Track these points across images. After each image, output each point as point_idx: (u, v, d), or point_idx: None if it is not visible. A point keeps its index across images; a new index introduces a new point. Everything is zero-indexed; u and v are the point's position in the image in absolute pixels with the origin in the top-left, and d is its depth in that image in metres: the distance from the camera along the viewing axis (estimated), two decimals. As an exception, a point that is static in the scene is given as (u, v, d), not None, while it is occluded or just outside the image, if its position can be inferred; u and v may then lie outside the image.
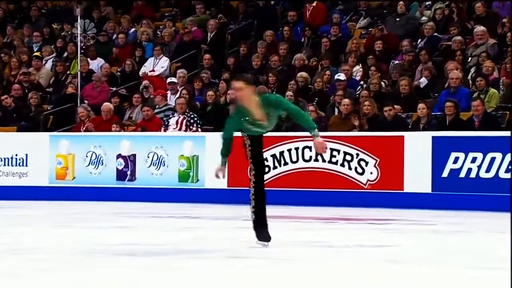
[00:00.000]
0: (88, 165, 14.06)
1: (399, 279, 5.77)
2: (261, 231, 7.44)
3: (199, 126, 13.97)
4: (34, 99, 15.69)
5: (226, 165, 7.44)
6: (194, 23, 17.15)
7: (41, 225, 10.03)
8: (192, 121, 14.00)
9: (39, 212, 12.03)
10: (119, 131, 14.26)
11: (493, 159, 11.79)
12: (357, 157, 12.50)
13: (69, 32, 18.07)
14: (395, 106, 12.91)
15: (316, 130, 7.22)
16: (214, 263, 6.49)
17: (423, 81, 13.90)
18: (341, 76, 14.11)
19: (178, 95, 14.86)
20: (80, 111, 14.83)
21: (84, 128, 14.48)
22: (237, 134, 7.46)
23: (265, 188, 7.53)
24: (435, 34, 15.02)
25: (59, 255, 6.89)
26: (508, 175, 11.67)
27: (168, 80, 15.56)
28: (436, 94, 13.73)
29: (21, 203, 13.26)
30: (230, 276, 5.89)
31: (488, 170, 11.82)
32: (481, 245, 7.88)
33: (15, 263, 6.46)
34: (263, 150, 7.60)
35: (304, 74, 14.67)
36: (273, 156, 12.85)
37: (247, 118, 7.27)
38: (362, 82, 14.53)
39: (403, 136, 12.34)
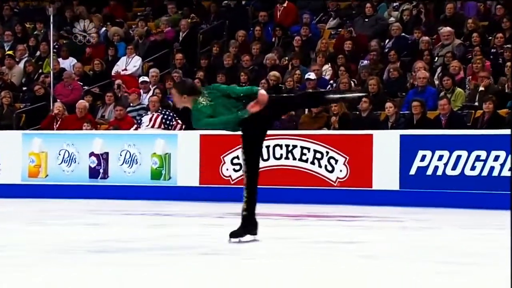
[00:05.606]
0: (61, 163, 13.96)
1: (371, 273, 5.79)
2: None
3: (178, 121, 13.90)
4: (6, 98, 15.54)
5: None
6: (168, 23, 17.08)
7: (14, 222, 9.93)
8: (170, 117, 13.95)
9: (11, 209, 11.92)
10: (91, 129, 14.17)
11: (459, 157, 11.86)
12: (327, 155, 12.52)
13: (42, 31, 17.92)
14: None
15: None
16: (186, 260, 6.46)
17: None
18: (311, 76, 14.12)
19: (151, 93, 14.79)
20: (57, 107, 14.65)
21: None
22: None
23: (236, 186, 7.56)
24: (403, 34, 15.08)
25: (32, 253, 6.82)
26: (473, 172, 11.77)
27: (141, 79, 15.47)
28: (403, 93, 13.79)
29: (-6, 200, 13.13)
30: (202, 272, 5.87)
31: (454, 168, 11.89)
32: (447, 241, 7.92)
33: (-12, 260, 6.39)
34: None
35: (276, 73, 14.65)
36: (244, 154, 12.82)
37: None
38: (331, 82, 14.55)
39: (371, 135, 12.38)
